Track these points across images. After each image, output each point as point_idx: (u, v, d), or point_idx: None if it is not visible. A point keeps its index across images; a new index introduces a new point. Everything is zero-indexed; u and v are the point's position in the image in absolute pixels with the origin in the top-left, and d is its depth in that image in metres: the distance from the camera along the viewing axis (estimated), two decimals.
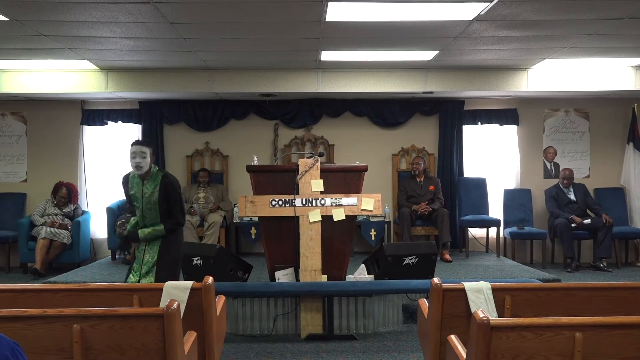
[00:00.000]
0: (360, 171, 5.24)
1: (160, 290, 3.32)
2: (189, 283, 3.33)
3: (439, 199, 7.73)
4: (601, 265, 7.53)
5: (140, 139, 4.51)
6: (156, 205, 4.38)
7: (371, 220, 7.52)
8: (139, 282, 4.39)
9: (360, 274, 5.32)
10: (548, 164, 8.53)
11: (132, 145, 4.39)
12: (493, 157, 8.55)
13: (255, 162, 5.43)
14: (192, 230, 7.52)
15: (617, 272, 7.49)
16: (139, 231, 4.44)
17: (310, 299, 4.93)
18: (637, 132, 8.18)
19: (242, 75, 7.33)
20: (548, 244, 7.95)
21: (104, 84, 7.26)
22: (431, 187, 7.76)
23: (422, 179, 7.83)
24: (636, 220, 8.19)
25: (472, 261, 7.50)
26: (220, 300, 3.75)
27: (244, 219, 7.41)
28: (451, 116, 8.34)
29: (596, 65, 7.19)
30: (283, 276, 5.08)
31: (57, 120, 8.30)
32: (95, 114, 8.27)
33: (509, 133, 8.47)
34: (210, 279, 3.38)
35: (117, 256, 7.70)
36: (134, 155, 4.33)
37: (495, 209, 8.28)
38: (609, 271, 7.46)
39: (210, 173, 8.08)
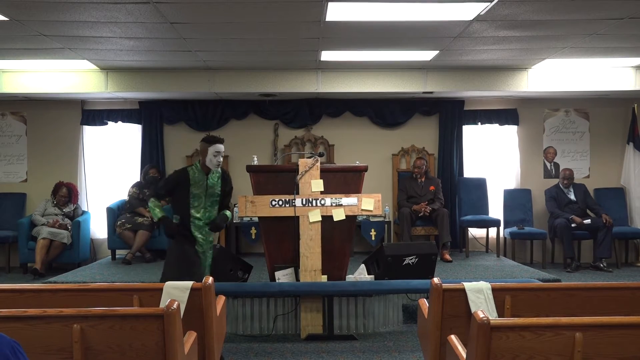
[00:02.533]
0: (360, 171, 5.25)
1: (160, 290, 3.33)
2: (189, 283, 3.33)
3: (439, 199, 7.73)
4: (601, 265, 7.52)
5: (219, 137, 4.73)
6: (218, 196, 4.77)
7: (371, 220, 7.52)
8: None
9: (360, 274, 5.31)
10: (548, 164, 8.53)
11: (215, 143, 4.64)
12: (493, 157, 8.55)
13: (255, 162, 5.44)
14: None
15: (617, 272, 7.49)
16: (222, 215, 4.79)
17: (310, 299, 4.93)
18: (637, 132, 8.17)
19: (242, 75, 7.33)
20: (548, 244, 7.95)
21: (104, 84, 7.26)
22: (431, 188, 7.75)
23: (422, 179, 7.83)
24: (636, 220, 8.19)
25: (472, 261, 7.50)
26: (220, 300, 3.75)
27: (244, 219, 7.40)
28: (451, 116, 8.34)
29: (596, 65, 7.18)
30: (283, 276, 5.08)
31: (57, 120, 8.30)
32: (95, 114, 8.27)
33: (509, 133, 8.47)
34: (210, 279, 3.38)
35: (117, 256, 7.70)
36: (217, 154, 4.64)
37: (495, 209, 8.28)
38: (609, 271, 7.45)
39: None
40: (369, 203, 5.08)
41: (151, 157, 8.21)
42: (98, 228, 8.20)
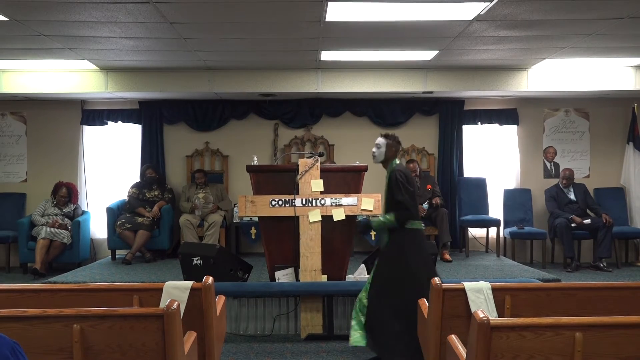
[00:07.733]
0: (360, 171, 5.25)
1: (160, 290, 3.33)
2: (189, 283, 3.33)
3: (437, 193, 7.73)
4: (601, 265, 7.53)
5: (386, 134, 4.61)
6: (385, 195, 4.50)
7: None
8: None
9: (360, 274, 5.32)
10: (548, 164, 8.53)
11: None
12: (493, 157, 8.55)
13: (255, 162, 5.43)
14: (192, 230, 7.52)
15: (617, 272, 7.49)
16: (372, 220, 4.46)
17: (310, 299, 4.93)
18: (637, 132, 8.17)
19: (242, 75, 7.32)
20: (548, 244, 7.95)
21: (104, 84, 7.26)
22: (429, 187, 7.75)
23: (418, 180, 7.82)
24: (636, 220, 8.19)
25: (472, 261, 7.50)
26: (220, 300, 3.75)
27: (244, 219, 7.39)
28: (451, 116, 8.34)
29: (596, 65, 7.18)
30: (283, 276, 5.08)
31: (57, 120, 8.30)
32: (95, 114, 8.27)
33: (509, 133, 8.47)
34: (210, 279, 3.38)
35: (117, 256, 7.70)
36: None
37: (495, 209, 8.28)
38: (609, 271, 7.45)
39: (206, 173, 8.05)
40: (368, 203, 5.08)
41: (151, 157, 8.21)
42: (98, 228, 8.19)
